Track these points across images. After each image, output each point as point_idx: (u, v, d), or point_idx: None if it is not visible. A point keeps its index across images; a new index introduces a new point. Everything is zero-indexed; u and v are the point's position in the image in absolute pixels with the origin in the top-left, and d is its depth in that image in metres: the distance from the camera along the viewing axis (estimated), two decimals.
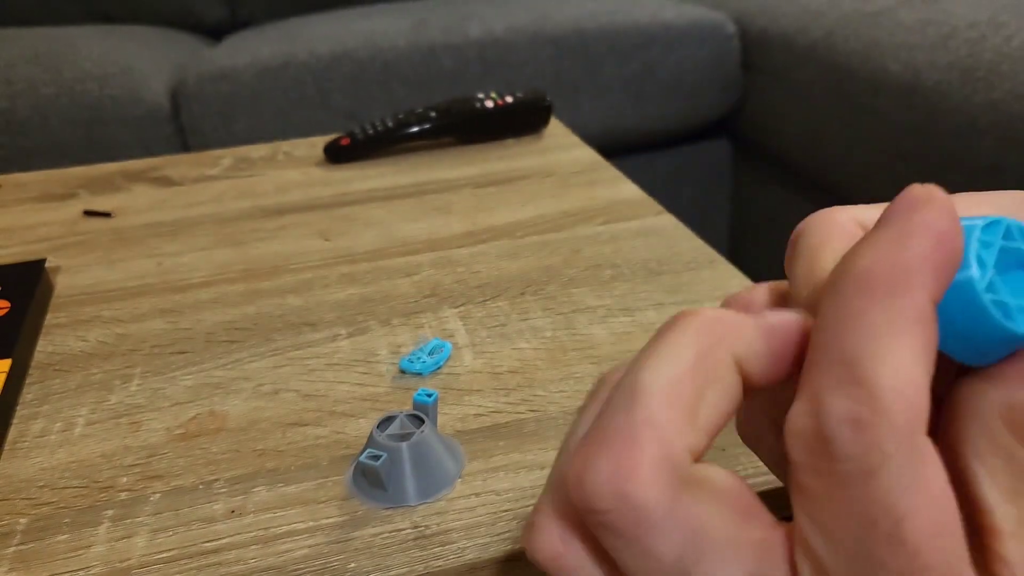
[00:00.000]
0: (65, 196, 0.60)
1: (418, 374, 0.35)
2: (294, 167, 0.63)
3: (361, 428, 0.32)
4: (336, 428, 0.32)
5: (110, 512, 0.29)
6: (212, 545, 0.27)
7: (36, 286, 0.42)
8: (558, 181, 0.57)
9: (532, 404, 0.33)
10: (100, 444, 0.32)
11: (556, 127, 0.69)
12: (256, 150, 0.67)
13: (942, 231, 0.13)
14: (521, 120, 0.66)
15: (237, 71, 0.96)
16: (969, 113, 0.76)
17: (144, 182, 0.61)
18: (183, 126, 0.97)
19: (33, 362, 0.38)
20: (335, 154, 0.63)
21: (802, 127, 1.01)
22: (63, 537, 0.28)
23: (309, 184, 0.59)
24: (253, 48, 1.01)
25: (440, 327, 0.39)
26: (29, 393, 0.36)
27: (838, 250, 0.17)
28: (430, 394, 0.30)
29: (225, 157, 0.66)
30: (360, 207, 0.55)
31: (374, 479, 0.28)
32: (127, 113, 0.93)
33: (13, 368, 0.36)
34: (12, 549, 0.27)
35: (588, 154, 0.63)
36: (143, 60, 1.00)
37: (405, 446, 0.28)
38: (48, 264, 0.46)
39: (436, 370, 0.36)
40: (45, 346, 0.39)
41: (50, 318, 0.42)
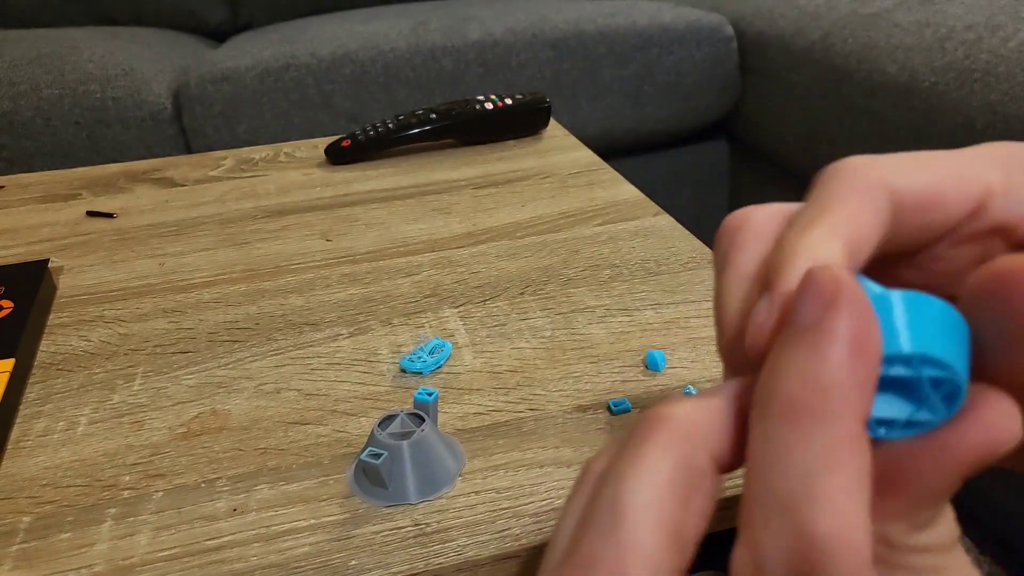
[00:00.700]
0: (68, 197, 0.60)
1: (418, 373, 0.36)
2: (296, 168, 0.63)
3: (362, 427, 0.33)
4: (337, 427, 0.33)
5: (113, 510, 0.29)
6: (214, 543, 0.27)
7: (39, 286, 0.42)
8: (557, 182, 0.58)
9: (531, 403, 0.33)
10: (103, 443, 0.32)
11: (555, 128, 0.69)
12: (258, 151, 0.68)
13: (858, 335, 0.12)
14: (521, 121, 0.67)
15: (239, 73, 0.97)
16: (966, 114, 0.76)
17: (147, 183, 0.62)
18: (185, 127, 0.97)
19: (36, 362, 0.38)
20: (336, 155, 0.63)
21: (800, 128, 1.02)
22: (66, 535, 0.28)
23: (310, 185, 0.59)
24: (255, 50, 1.02)
25: (440, 327, 0.39)
26: (32, 392, 0.36)
27: (752, 256, 0.17)
28: (430, 393, 0.30)
29: (227, 158, 0.66)
30: (361, 208, 0.55)
31: (375, 477, 0.28)
32: (130, 114, 0.94)
33: (16, 368, 0.36)
34: (15, 547, 0.27)
35: (587, 155, 0.63)
36: (146, 62, 1.01)
37: (406, 444, 0.28)
38: (51, 264, 0.47)
39: (436, 369, 0.36)
40: (48, 346, 0.40)
41: (53, 318, 0.42)
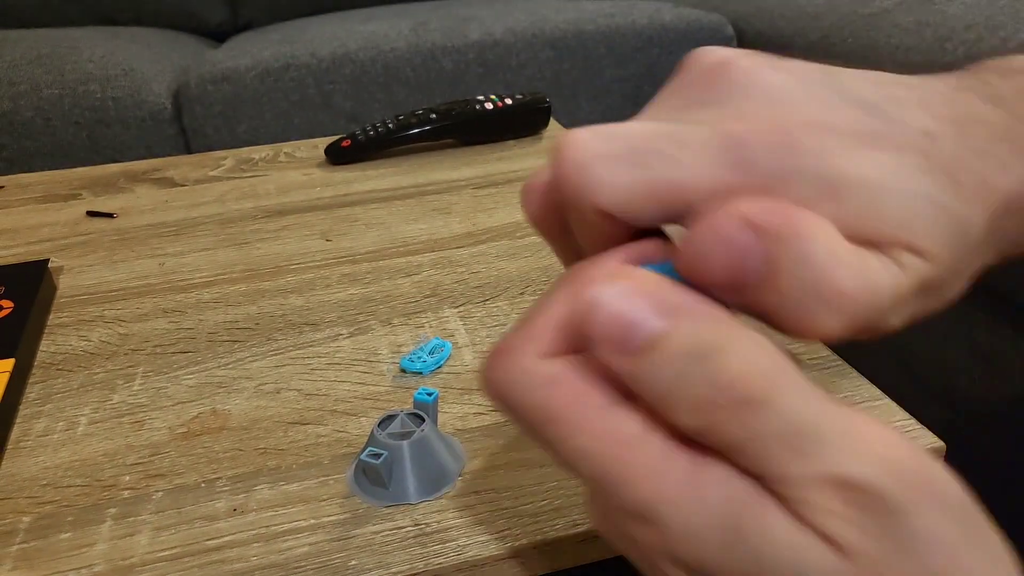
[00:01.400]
0: (68, 197, 0.60)
1: (419, 373, 0.36)
2: (296, 168, 0.63)
3: (362, 427, 0.32)
4: (337, 427, 0.33)
5: (113, 510, 0.29)
6: (214, 543, 0.27)
7: (39, 286, 0.42)
8: None
9: None
10: (103, 443, 0.32)
11: (555, 128, 0.69)
12: (258, 151, 0.68)
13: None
14: (521, 121, 0.67)
15: (239, 73, 0.97)
16: None
17: (147, 183, 0.62)
18: (185, 127, 0.97)
19: (36, 362, 0.38)
20: (336, 155, 0.63)
21: None
22: (66, 535, 0.28)
23: (310, 185, 0.59)
24: (255, 50, 1.02)
25: (440, 327, 0.39)
26: (32, 392, 0.36)
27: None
28: (431, 393, 0.30)
29: (227, 158, 0.66)
30: (361, 208, 0.55)
31: (375, 477, 0.28)
32: (130, 115, 0.94)
33: (16, 368, 0.36)
34: (15, 547, 0.27)
35: None
36: (146, 62, 1.01)
37: (406, 444, 0.28)
38: (51, 264, 0.47)
39: (436, 369, 0.36)
40: (48, 346, 0.40)
41: (53, 318, 0.42)
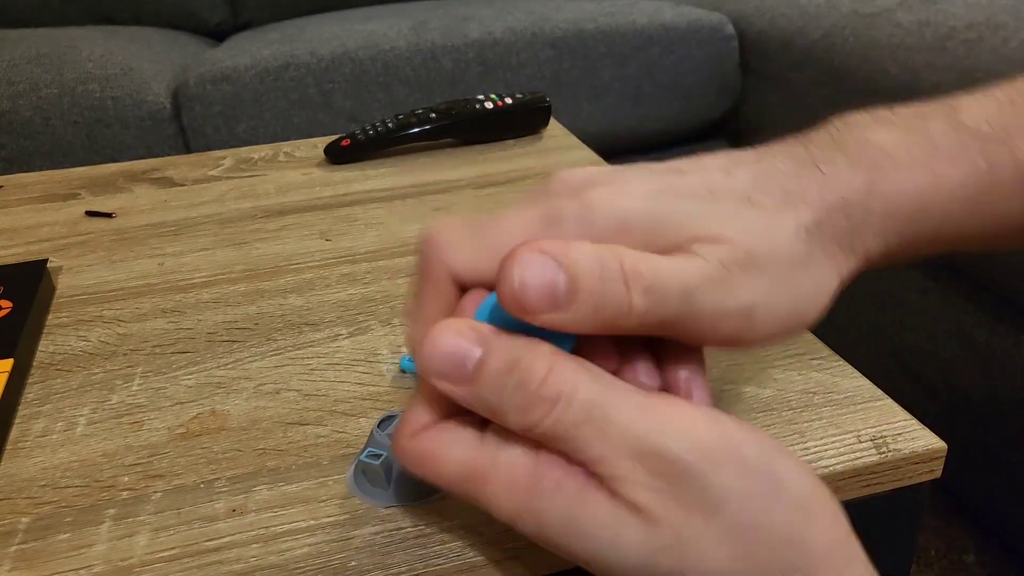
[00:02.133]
0: (67, 197, 0.60)
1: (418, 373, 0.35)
2: (295, 168, 0.63)
3: (362, 427, 0.32)
4: (337, 427, 0.32)
5: (112, 511, 0.29)
6: (213, 544, 0.27)
7: (38, 286, 0.42)
8: None
9: None
10: (101, 443, 0.32)
11: (555, 128, 0.69)
12: (257, 151, 0.68)
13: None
14: (521, 121, 0.67)
15: (238, 72, 0.97)
16: None
17: (146, 183, 0.62)
18: (184, 127, 0.97)
19: (35, 362, 0.38)
20: (336, 155, 0.63)
21: (800, 128, 1.01)
22: (65, 536, 0.28)
23: (310, 185, 0.59)
24: (254, 49, 1.02)
25: None
26: (31, 393, 0.36)
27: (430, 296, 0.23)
28: None
29: (226, 158, 0.66)
30: (361, 207, 0.55)
31: (375, 478, 0.28)
32: (129, 114, 0.94)
33: (15, 368, 0.36)
34: (14, 548, 0.27)
35: (587, 155, 0.63)
36: (145, 61, 1.01)
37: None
38: (50, 264, 0.47)
39: None
40: (47, 346, 0.40)
41: (52, 318, 0.42)
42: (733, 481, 0.17)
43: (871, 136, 0.23)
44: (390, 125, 0.63)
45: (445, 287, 0.22)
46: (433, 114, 0.64)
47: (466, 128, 0.65)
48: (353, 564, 0.26)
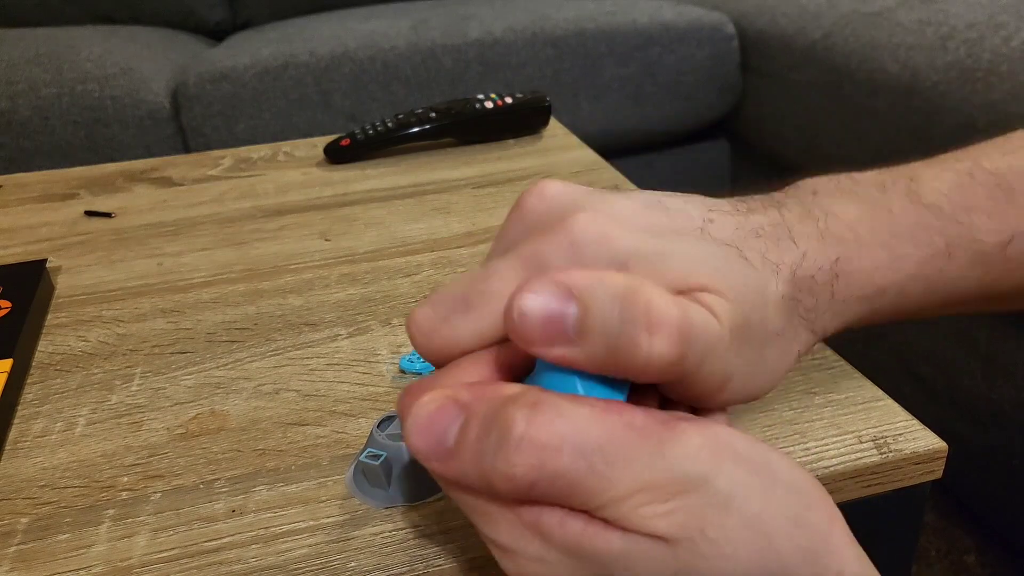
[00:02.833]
0: (66, 196, 0.60)
1: (418, 374, 0.35)
2: (294, 167, 0.63)
3: (361, 428, 0.32)
4: (336, 428, 0.32)
5: (111, 511, 0.29)
6: (213, 544, 0.27)
7: (37, 286, 0.42)
8: None
9: None
10: (101, 444, 0.32)
11: (556, 128, 0.69)
12: (256, 150, 0.68)
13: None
14: (521, 121, 0.67)
15: (238, 72, 0.97)
16: (968, 114, 0.76)
17: (145, 182, 0.62)
18: (184, 127, 0.97)
19: (34, 362, 0.38)
20: (335, 154, 0.63)
21: (800, 128, 1.02)
22: (64, 536, 0.28)
23: (309, 184, 0.59)
24: (254, 49, 1.02)
25: None
26: (30, 393, 0.36)
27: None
28: None
29: (226, 157, 0.66)
30: (360, 207, 0.55)
31: (374, 478, 0.28)
32: (128, 114, 0.93)
33: (14, 368, 0.36)
34: (13, 548, 0.27)
35: (587, 154, 0.63)
36: (144, 61, 1.01)
37: (405, 445, 0.28)
38: (49, 264, 0.46)
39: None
40: (46, 346, 0.40)
41: (51, 318, 0.42)
42: (734, 474, 0.17)
43: (838, 210, 0.23)
44: (390, 125, 0.63)
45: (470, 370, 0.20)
46: (433, 114, 0.64)
47: (466, 128, 0.65)
48: (353, 565, 0.26)
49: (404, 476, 0.28)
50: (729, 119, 1.19)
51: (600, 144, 1.01)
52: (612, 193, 0.21)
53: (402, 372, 0.36)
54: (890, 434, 0.30)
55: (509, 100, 0.65)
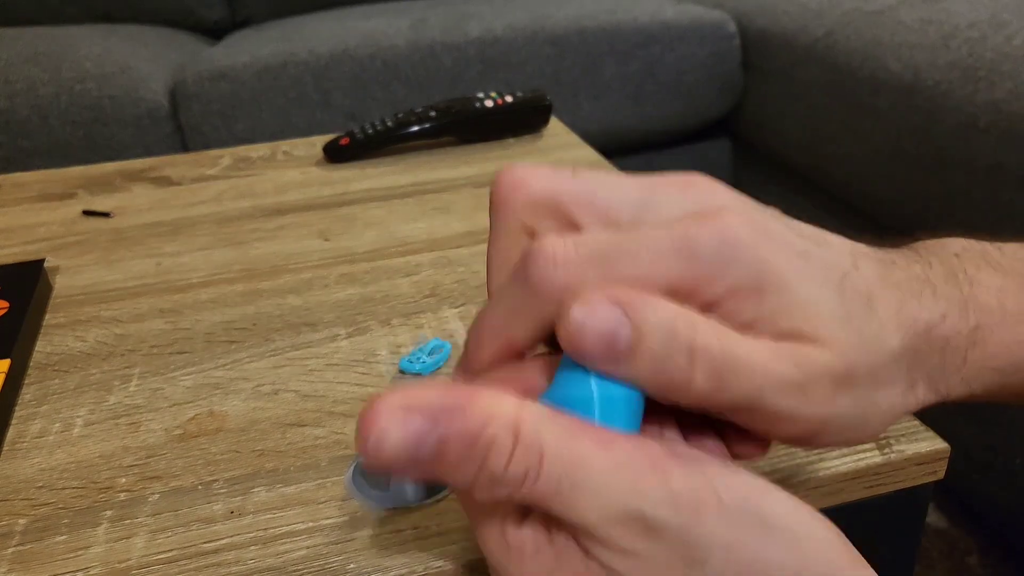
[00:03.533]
0: (64, 196, 0.59)
1: (418, 374, 0.35)
2: (294, 167, 0.63)
3: None
4: (335, 428, 0.32)
5: (109, 513, 0.28)
6: (211, 546, 0.27)
7: (35, 286, 0.42)
8: None
9: None
10: (99, 444, 0.32)
11: (556, 126, 0.69)
12: (255, 150, 0.67)
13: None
14: (521, 119, 0.66)
15: (236, 71, 0.96)
16: (970, 112, 0.75)
17: (143, 182, 0.61)
18: (182, 126, 0.96)
19: (32, 362, 0.38)
20: (335, 154, 0.63)
21: (802, 127, 1.01)
22: (62, 538, 0.28)
23: (308, 184, 0.59)
24: (253, 48, 1.01)
25: (440, 327, 0.39)
26: (28, 393, 0.36)
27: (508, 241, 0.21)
28: None
29: (224, 157, 0.66)
30: (360, 207, 0.54)
31: (373, 480, 0.28)
32: (126, 113, 0.93)
33: (12, 368, 0.36)
34: (11, 550, 0.27)
35: (588, 153, 0.63)
36: (142, 60, 1.00)
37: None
38: (47, 264, 0.46)
39: (436, 370, 0.36)
40: (44, 346, 0.39)
41: (49, 318, 0.42)
42: (715, 528, 0.16)
43: (983, 278, 0.22)
44: (389, 124, 0.63)
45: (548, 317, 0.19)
46: (433, 113, 0.64)
47: (466, 127, 0.64)
48: (352, 566, 0.26)
49: (403, 477, 0.28)
50: (730, 118, 1.18)
51: (601, 143, 1.01)
52: (763, 210, 0.21)
53: (401, 372, 0.36)
54: (892, 435, 0.30)
55: (509, 99, 0.65)
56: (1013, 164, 0.71)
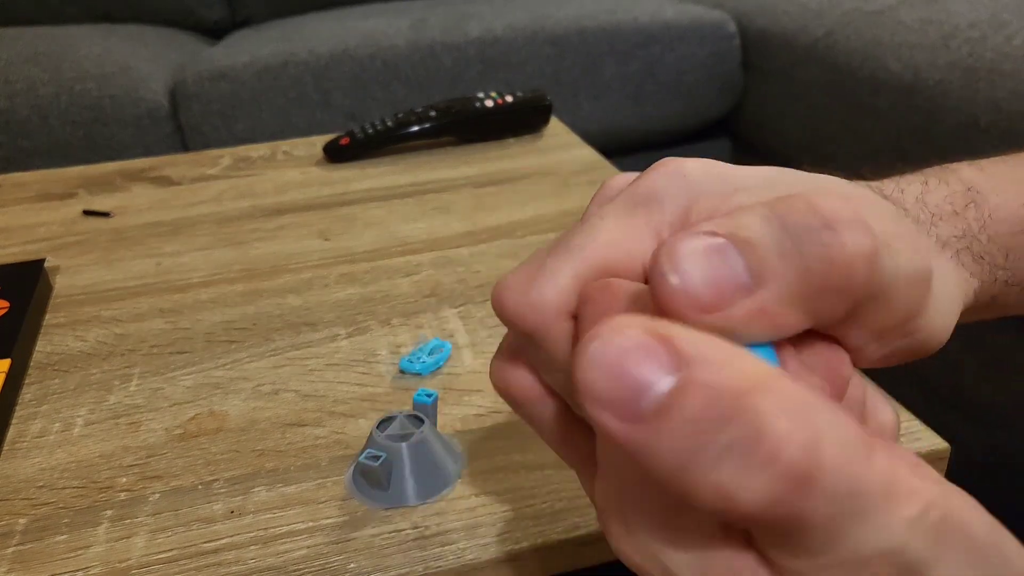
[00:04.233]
0: (64, 196, 0.59)
1: (418, 374, 0.35)
2: (294, 167, 0.63)
3: (361, 428, 0.32)
4: (336, 428, 0.32)
5: (109, 512, 0.28)
6: (211, 545, 0.27)
7: (35, 286, 0.42)
8: (558, 181, 0.57)
9: None
10: (99, 444, 0.32)
11: (556, 126, 0.69)
12: (255, 150, 0.67)
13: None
14: (521, 119, 0.66)
15: (236, 70, 0.96)
16: (970, 112, 0.75)
17: (143, 182, 0.61)
18: (182, 125, 0.96)
19: (32, 362, 0.38)
20: (335, 154, 0.63)
21: (802, 126, 1.01)
22: (62, 537, 0.28)
23: (308, 184, 0.59)
24: (253, 47, 1.01)
25: (440, 327, 0.39)
26: (28, 393, 0.36)
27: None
28: (430, 394, 0.29)
29: (224, 157, 0.66)
30: (360, 207, 0.54)
31: (374, 479, 0.28)
32: (126, 113, 0.93)
33: (12, 368, 0.36)
34: (11, 549, 0.27)
35: (588, 153, 0.63)
36: (143, 60, 1.00)
37: (405, 446, 0.28)
38: (47, 264, 0.46)
39: (436, 370, 0.36)
40: (44, 346, 0.39)
41: (49, 318, 0.42)
42: (960, 567, 0.13)
43: (964, 172, 0.23)
44: (389, 124, 0.63)
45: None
46: (433, 112, 0.64)
47: (466, 127, 0.64)
48: (352, 566, 0.26)
49: (404, 477, 0.28)
50: (730, 118, 1.18)
51: (601, 143, 1.01)
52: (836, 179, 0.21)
53: (401, 372, 0.36)
54: None
55: (509, 99, 0.65)
56: None
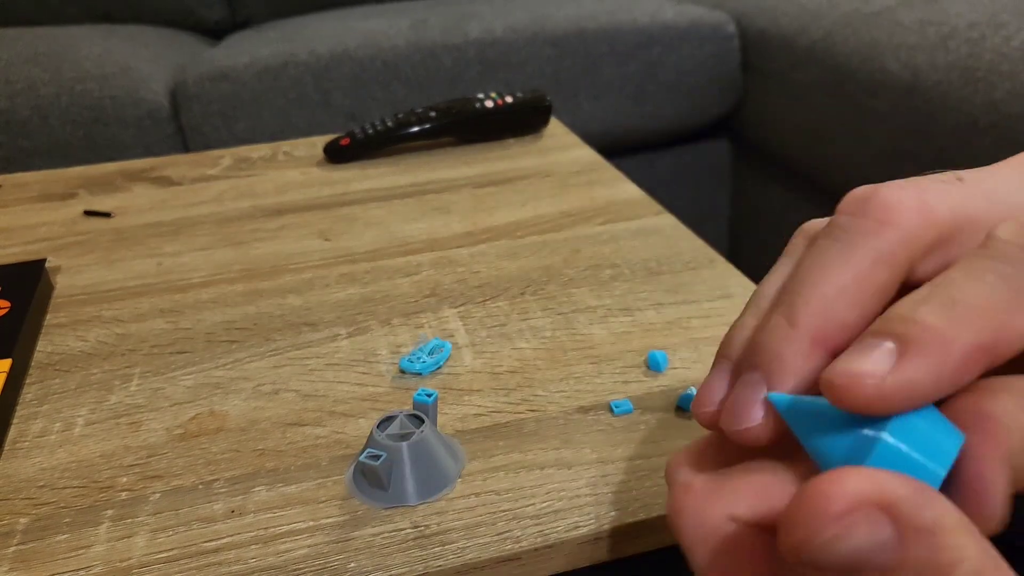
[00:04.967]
0: (65, 196, 0.60)
1: (418, 374, 0.35)
2: (294, 167, 0.63)
3: (361, 428, 0.32)
4: (336, 428, 0.32)
5: (110, 512, 0.29)
6: (212, 545, 0.27)
7: (36, 286, 0.42)
8: (558, 181, 0.57)
9: (532, 404, 0.33)
10: (100, 444, 0.32)
11: (556, 127, 0.69)
12: (256, 150, 0.67)
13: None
14: (521, 120, 0.66)
15: (237, 71, 0.96)
16: (969, 113, 0.76)
17: (144, 182, 0.61)
18: (183, 126, 0.97)
19: (33, 362, 0.38)
20: (335, 154, 0.63)
21: (802, 127, 1.01)
22: (63, 537, 0.28)
23: (309, 184, 0.59)
24: (253, 48, 1.01)
25: (440, 327, 0.39)
26: (29, 393, 0.36)
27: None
28: (430, 394, 0.30)
29: (225, 157, 0.66)
30: (360, 207, 0.55)
31: (374, 479, 0.28)
32: (127, 113, 0.93)
33: (13, 368, 0.36)
34: (12, 549, 0.27)
35: (588, 154, 0.63)
36: (143, 60, 1.00)
37: (405, 446, 0.28)
38: (48, 264, 0.46)
39: (436, 370, 0.36)
40: (45, 346, 0.39)
41: (50, 318, 0.42)
42: None
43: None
44: (390, 124, 0.63)
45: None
46: (433, 113, 0.64)
47: (466, 127, 0.64)
48: (352, 565, 0.26)
49: (404, 477, 0.28)
50: (730, 119, 1.18)
51: (601, 143, 1.01)
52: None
53: (402, 372, 0.36)
54: None
55: (509, 99, 0.65)
56: None
